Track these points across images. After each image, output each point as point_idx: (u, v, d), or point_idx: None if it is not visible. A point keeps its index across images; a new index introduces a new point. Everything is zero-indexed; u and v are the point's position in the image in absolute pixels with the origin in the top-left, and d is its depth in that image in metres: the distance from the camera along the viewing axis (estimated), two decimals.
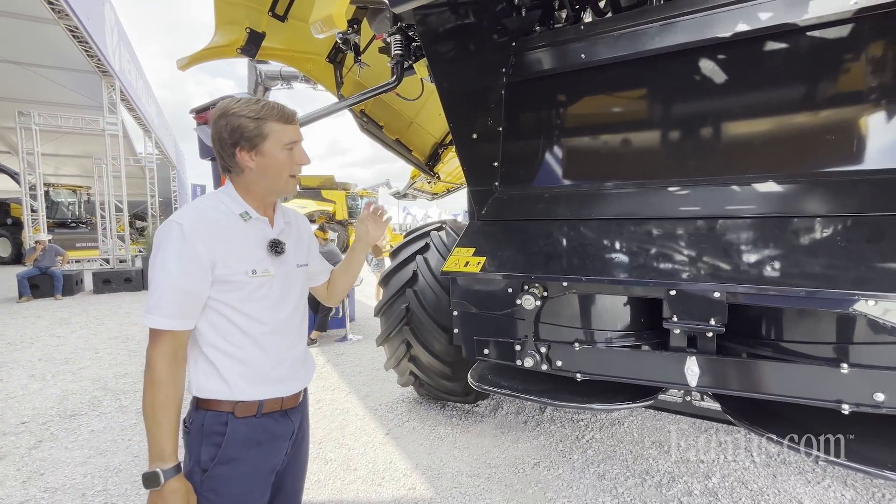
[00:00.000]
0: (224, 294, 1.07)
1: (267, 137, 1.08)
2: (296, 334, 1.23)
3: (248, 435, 1.09)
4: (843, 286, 1.37)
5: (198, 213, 1.07)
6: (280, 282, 1.16)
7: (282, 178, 1.13)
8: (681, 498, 2.34)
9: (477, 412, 3.42)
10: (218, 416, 1.08)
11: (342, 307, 6.23)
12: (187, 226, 1.02)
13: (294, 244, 1.25)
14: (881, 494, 2.35)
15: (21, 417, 3.44)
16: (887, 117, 1.61)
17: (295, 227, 1.29)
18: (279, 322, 1.16)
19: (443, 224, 3.23)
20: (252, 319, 1.10)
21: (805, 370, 1.50)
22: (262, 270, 1.11)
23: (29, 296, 8.68)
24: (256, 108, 1.08)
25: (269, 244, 1.14)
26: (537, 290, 1.82)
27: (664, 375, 1.72)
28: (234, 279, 1.07)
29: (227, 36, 2.75)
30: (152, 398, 1.00)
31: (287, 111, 1.11)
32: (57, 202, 16.76)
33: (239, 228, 1.11)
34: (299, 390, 1.23)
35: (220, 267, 1.05)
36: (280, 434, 1.16)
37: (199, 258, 1.01)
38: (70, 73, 10.66)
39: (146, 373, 1.02)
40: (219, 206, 1.11)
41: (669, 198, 1.89)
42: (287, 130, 1.11)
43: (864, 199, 1.55)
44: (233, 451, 1.07)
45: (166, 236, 1.02)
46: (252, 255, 1.11)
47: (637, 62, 2.00)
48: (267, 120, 1.08)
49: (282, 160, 1.11)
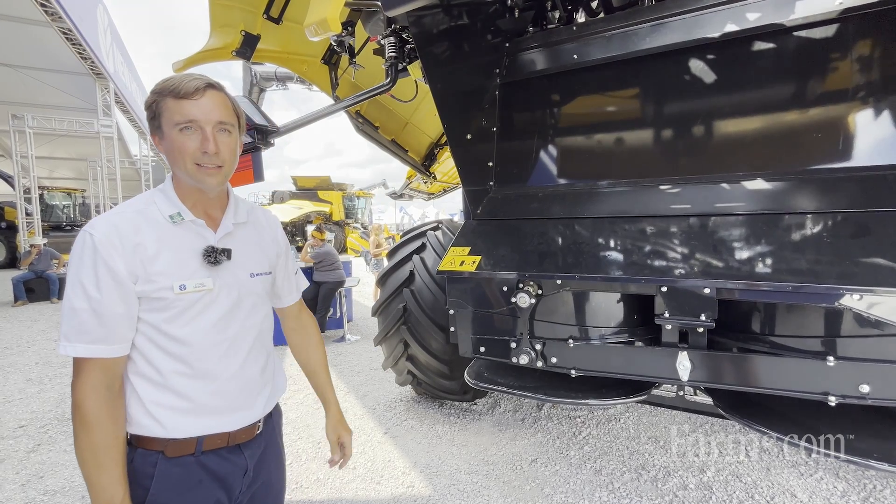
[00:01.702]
0: (149, 314, 0.91)
1: (161, 115, 0.91)
2: (248, 356, 1.03)
3: (181, 477, 0.94)
4: (830, 281, 1.40)
5: (115, 220, 0.91)
6: (224, 296, 0.98)
7: (186, 167, 0.92)
8: (676, 492, 2.37)
9: (475, 410, 3.44)
10: (147, 455, 0.92)
11: (340, 308, 6.25)
12: (100, 237, 0.86)
13: (249, 250, 1.06)
14: (872, 486, 2.39)
15: (19, 421, 3.44)
16: (873, 116, 1.64)
17: (254, 231, 1.10)
18: (223, 344, 0.98)
19: (439, 224, 3.26)
20: (183, 343, 0.93)
21: (793, 363, 1.53)
22: (195, 285, 0.93)
23: (24, 300, 8.65)
24: (162, 81, 0.93)
25: (204, 252, 0.96)
26: (532, 288, 1.84)
27: (657, 371, 1.75)
28: (159, 296, 0.90)
29: (223, 38, 2.76)
30: (89, 442, 0.85)
31: (184, 83, 0.90)
32: (52, 205, 16.68)
33: (168, 234, 0.94)
34: (253, 421, 1.04)
35: (142, 282, 0.89)
36: (227, 472, 0.99)
37: (116, 274, 0.87)
38: (64, 76, 10.62)
39: (74, 413, 0.86)
40: (147, 207, 0.95)
41: (661, 196, 1.92)
42: (179, 106, 0.90)
43: (849, 195, 1.58)
44: (162, 497, 0.92)
45: (80, 250, 0.87)
46: (183, 266, 0.94)
47: (629, 62, 2.02)
48: (161, 95, 0.91)
49: (177, 143, 0.91)
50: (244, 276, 1.04)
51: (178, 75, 0.92)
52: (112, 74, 10.72)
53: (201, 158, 0.92)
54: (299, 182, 22.44)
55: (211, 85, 0.93)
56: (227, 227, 1.02)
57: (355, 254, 15.76)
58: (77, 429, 0.86)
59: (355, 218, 22.88)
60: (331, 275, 5.80)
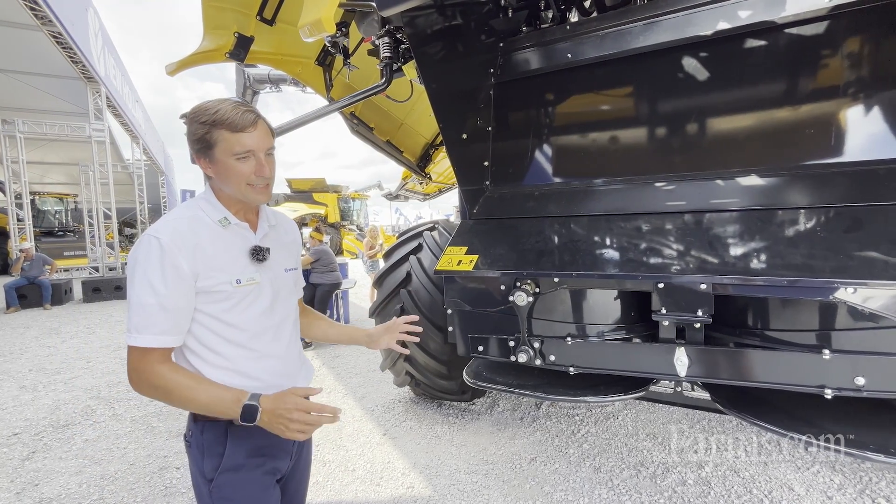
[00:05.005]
0: (209, 305, 1.04)
1: (215, 146, 1.03)
2: (290, 339, 1.21)
3: (249, 441, 1.08)
4: (824, 275, 1.41)
5: (175, 225, 1.03)
6: (268, 287, 1.14)
7: (239, 188, 1.07)
8: (675, 488, 2.38)
9: (473, 410, 3.44)
10: (216, 425, 1.07)
11: (336, 310, 6.23)
12: (166, 240, 0.98)
13: (281, 249, 1.22)
14: (868, 478, 2.41)
15: (13, 429, 3.40)
16: (863, 111, 1.66)
17: (282, 232, 1.26)
18: (272, 327, 1.14)
19: (435, 224, 3.25)
20: (242, 329, 1.08)
21: (789, 357, 1.54)
22: (248, 279, 1.08)
23: (17, 306, 8.55)
24: (210, 113, 1.02)
25: (251, 251, 1.11)
26: (529, 286, 1.85)
27: (654, 367, 1.76)
28: (219, 290, 1.04)
29: (216, 40, 2.75)
30: (185, 396, 0.98)
31: (239, 118, 1.02)
32: (43, 210, 16.51)
33: (219, 236, 1.07)
34: None
35: (203, 278, 1.02)
36: (283, 441, 1.12)
37: (181, 272, 0.99)
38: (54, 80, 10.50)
39: (155, 392, 0.99)
40: (197, 213, 1.08)
41: (656, 193, 1.93)
42: (237, 140, 1.02)
43: (842, 190, 1.60)
44: (236, 460, 1.07)
45: (146, 252, 0.99)
46: (235, 263, 1.09)
47: (622, 61, 2.04)
48: (215, 128, 1.02)
49: (234, 169, 1.04)
50: (280, 271, 1.19)
51: (224, 107, 1.02)
52: (104, 78, 10.61)
53: (254, 181, 1.07)
54: (294, 184, 22.36)
55: (258, 115, 1.07)
56: (263, 228, 1.17)
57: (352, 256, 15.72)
58: (168, 398, 0.99)
59: (351, 220, 22.83)
60: (327, 276, 5.78)
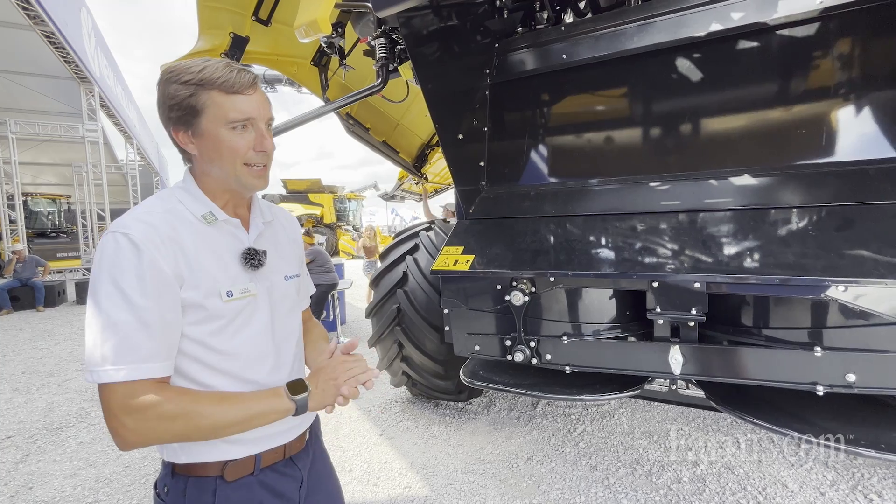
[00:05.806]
0: (192, 327, 0.79)
1: (203, 112, 0.79)
2: (293, 362, 0.97)
3: (243, 501, 0.86)
4: (816, 273, 1.43)
5: (149, 219, 0.78)
6: (265, 301, 0.90)
7: (233, 168, 0.83)
8: (670, 485, 2.40)
9: (470, 410, 3.45)
10: (202, 482, 0.83)
11: (333, 310, 6.22)
12: (138, 236, 0.74)
13: (279, 251, 0.97)
14: (860, 474, 2.44)
15: (6, 432, 3.37)
16: (854, 112, 1.69)
17: (280, 230, 1.01)
18: (271, 353, 0.90)
19: (431, 224, 3.26)
20: (233, 356, 0.84)
21: (782, 355, 1.56)
22: (241, 290, 0.84)
23: (9, 308, 8.48)
24: (194, 71, 0.78)
25: (244, 255, 0.86)
26: (525, 285, 1.86)
27: (650, 365, 1.77)
28: (204, 304, 0.80)
29: (211, 41, 2.74)
30: (207, 423, 0.76)
31: (235, 77, 0.80)
32: (36, 212, 16.36)
33: (204, 236, 0.83)
34: (304, 430, 0.98)
35: (188, 288, 0.78)
36: (285, 488, 0.92)
37: (164, 276, 0.75)
38: (47, 80, 10.43)
39: (168, 423, 0.74)
40: (174, 206, 0.83)
41: (651, 193, 1.94)
42: (232, 104, 0.79)
43: (833, 190, 1.62)
44: None
45: (112, 255, 0.73)
46: (225, 270, 0.84)
47: (617, 61, 2.05)
48: (203, 88, 0.78)
49: (227, 143, 0.81)
50: (279, 279, 0.95)
51: (213, 64, 0.80)
52: (97, 78, 10.55)
53: (253, 158, 0.83)
54: (290, 185, 22.29)
55: (257, 77, 0.84)
56: (258, 226, 0.93)
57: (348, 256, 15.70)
58: (189, 431, 0.76)
59: (347, 220, 22.79)
60: (323, 277, 5.78)
